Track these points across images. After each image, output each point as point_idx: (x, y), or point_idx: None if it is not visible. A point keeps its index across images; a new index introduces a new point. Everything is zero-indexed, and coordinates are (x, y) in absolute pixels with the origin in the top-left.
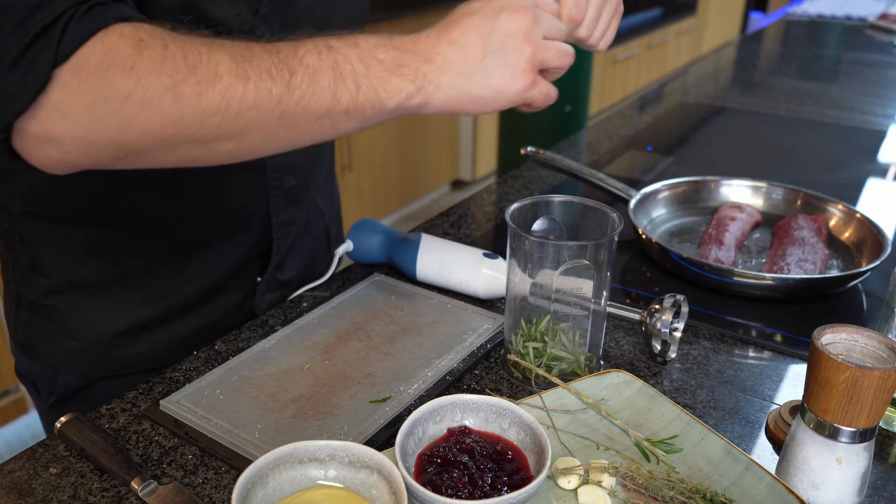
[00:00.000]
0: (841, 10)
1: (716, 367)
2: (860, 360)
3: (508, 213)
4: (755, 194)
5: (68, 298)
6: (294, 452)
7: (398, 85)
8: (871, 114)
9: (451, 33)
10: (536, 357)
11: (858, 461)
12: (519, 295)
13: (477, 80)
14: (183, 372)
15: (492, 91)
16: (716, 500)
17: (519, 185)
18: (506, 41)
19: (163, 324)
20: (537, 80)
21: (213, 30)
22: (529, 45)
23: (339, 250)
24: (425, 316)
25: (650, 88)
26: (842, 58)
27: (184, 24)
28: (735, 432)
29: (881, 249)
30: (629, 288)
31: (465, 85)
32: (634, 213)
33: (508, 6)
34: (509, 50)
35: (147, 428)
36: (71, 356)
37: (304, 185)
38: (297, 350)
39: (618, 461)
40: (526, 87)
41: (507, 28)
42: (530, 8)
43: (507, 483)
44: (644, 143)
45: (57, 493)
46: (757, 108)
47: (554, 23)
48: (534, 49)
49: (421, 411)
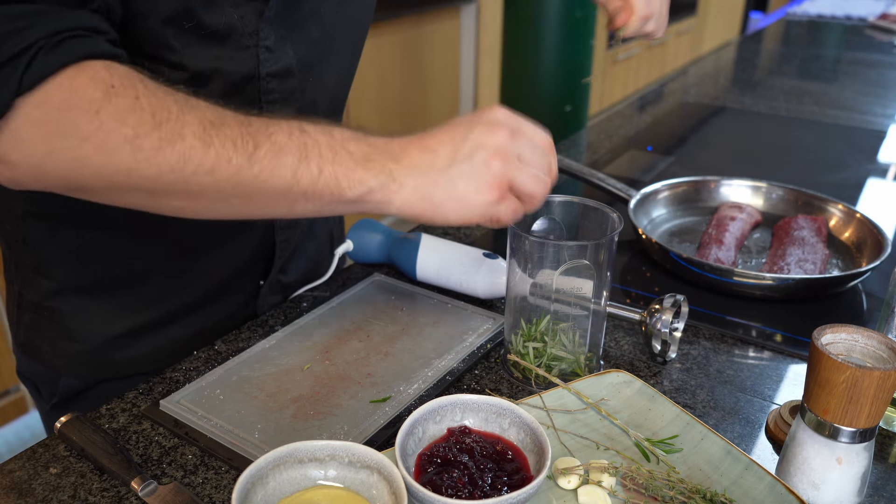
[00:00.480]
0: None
1: (716, 367)
2: (860, 360)
3: None
4: (755, 194)
5: (70, 300)
6: (294, 452)
7: (361, 177)
8: (871, 114)
9: (425, 140)
10: (536, 357)
11: (858, 461)
12: (519, 295)
13: (441, 185)
14: (183, 372)
15: (454, 200)
16: (716, 500)
17: None
18: (475, 152)
19: (165, 326)
20: (506, 196)
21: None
22: (500, 160)
23: (339, 250)
24: (425, 316)
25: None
26: (842, 58)
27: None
28: (735, 432)
29: (881, 249)
30: (629, 288)
31: (428, 189)
32: (634, 213)
33: (488, 122)
34: (478, 161)
35: (147, 428)
36: (72, 358)
37: None
38: (297, 350)
39: (618, 461)
40: (491, 202)
41: (480, 140)
42: (510, 127)
43: (507, 483)
44: (644, 143)
45: (57, 493)
46: (757, 108)
47: (536, 150)
48: (504, 165)
49: (421, 411)
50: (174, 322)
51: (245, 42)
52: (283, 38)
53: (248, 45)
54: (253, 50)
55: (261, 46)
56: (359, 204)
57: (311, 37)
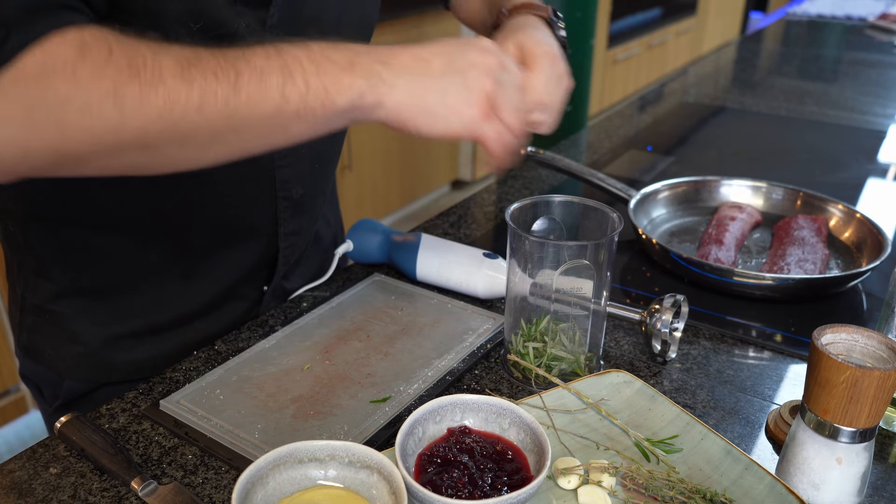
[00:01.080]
0: (841, 10)
1: (716, 367)
2: (860, 360)
3: (508, 212)
4: (755, 194)
5: (72, 303)
6: (294, 452)
7: (350, 82)
8: (871, 114)
9: (417, 49)
10: (536, 357)
11: (858, 461)
12: (519, 295)
13: (433, 91)
14: (183, 372)
15: (445, 108)
16: (716, 500)
17: (519, 185)
18: (469, 68)
19: (168, 331)
20: (492, 117)
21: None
22: (490, 80)
23: (339, 250)
24: (425, 316)
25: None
26: (842, 58)
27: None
28: (735, 432)
29: (881, 249)
30: (629, 288)
31: (421, 92)
32: (634, 213)
33: (482, 48)
34: (470, 76)
35: (147, 428)
36: (75, 361)
37: (311, 194)
38: (297, 350)
39: (618, 461)
40: (479, 117)
41: (473, 58)
42: (500, 58)
43: (507, 483)
44: (644, 143)
45: (57, 493)
46: (757, 108)
47: (517, 87)
48: (494, 85)
49: (421, 411)
50: (177, 327)
51: None
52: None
53: None
54: None
55: None
56: (352, 112)
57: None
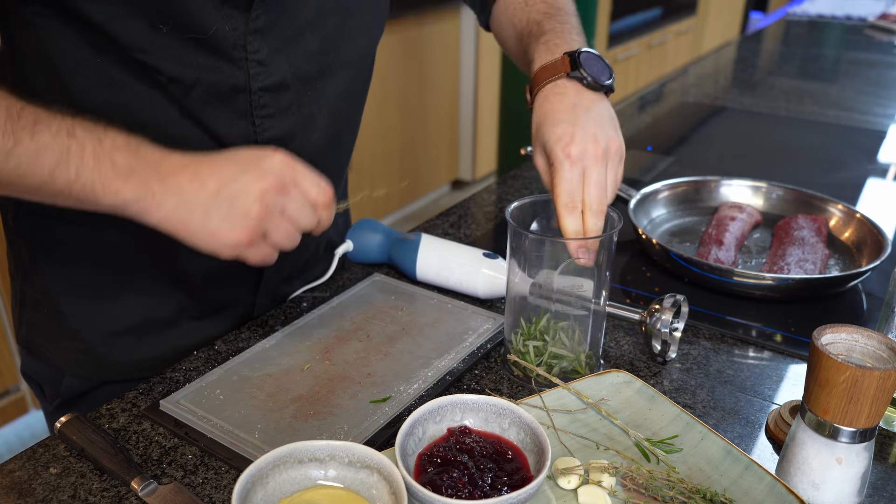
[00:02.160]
0: (841, 10)
1: (716, 367)
2: (860, 360)
3: (508, 211)
4: (755, 194)
5: (70, 298)
6: (294, 452)
7: (118, 189)
8: (871, 114)
9: (200, 166)
10: (537, 356)
11: (858, 461)
12: (519, 294)
13: (197, 215)
14: (183, 372)
15: (206, 233)
16: (716, 500)
17: (519, 185)
18: (239, 196)
19: (165, 330)
20: (257, 242)
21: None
22: (259, 208)
23: (339, 250)
24: (425, 316)
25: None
26: (842, 58)
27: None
28: (735, 432)
29: (881, 249)
30: (629, 288)
31: (185, 215)
32: (634, 213)
33: (262, 169)
34: (239, 205)
35: (147, 428)
36: (73, 356)
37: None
38: (297, 350)
39: (618, 461)
40: (240, 244)
41: (248, 186)
42: (282, 180)
43: (507, 483)
44: (644, 143)
45: (57, 493)
46: (757, 108)
47: (303, 207)
48: (261, 216)
49: (421, 411)
50: (174, 327)
51: (236, 54)
52: (278, 50)
53: (238, 58)
54: (243, 63)
55: (251, 60)
56: (117, 210)
57: (309, 50)
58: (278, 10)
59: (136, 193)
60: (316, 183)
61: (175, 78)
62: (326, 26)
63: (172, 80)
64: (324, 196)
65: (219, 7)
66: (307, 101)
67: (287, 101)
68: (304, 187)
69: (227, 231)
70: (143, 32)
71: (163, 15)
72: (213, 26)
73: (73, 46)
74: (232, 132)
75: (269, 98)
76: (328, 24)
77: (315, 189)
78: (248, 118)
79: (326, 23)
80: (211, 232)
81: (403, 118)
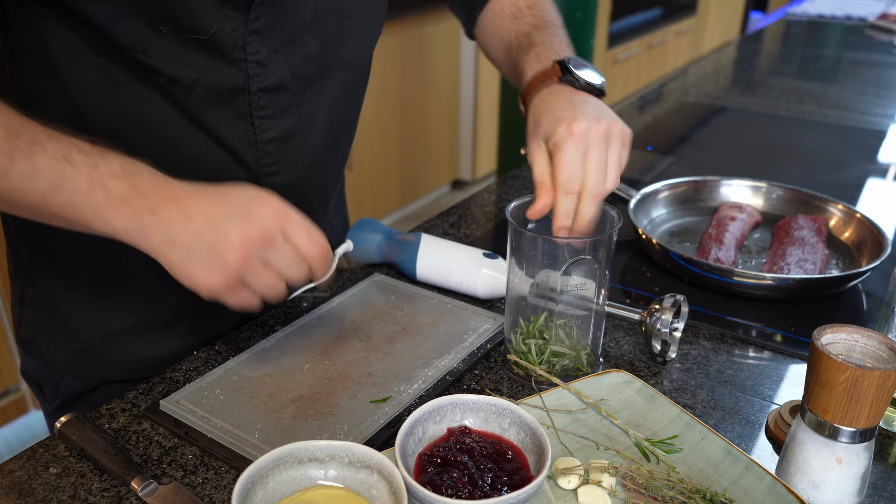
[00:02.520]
0: (841, 10)
1: (716, 367)
2: (860, 360)
3: (509, 210)
4: (755, 194)
5: (70, 299)
6: (294, 452)
7: (109, 216)
8: (871, 114)
9: (192, 200)
10: (537, 354)
11: (858, 461)
12: (519, 294)
13: (178, 253)
14: (183, 372)
15: (185, 272)
16: (716, 500)
17: (519, 185)
18: (222, 242)
19: (165, 331)
20: (235, 288)
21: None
22: (239, 257)
23: (339, 250)
24: (425, 316)
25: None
26: (842, 58)
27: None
28: (735, 432)
29: (881, 249)
30: (629, 288)
31: (168, 250)
32: (634, 213)
33: (251, 218)
34: (218, 251)
35: (147, 428)
36: (73, 356)
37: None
38: (297, 350)
39: (618, 461)
40: (217, 288)
41: (231, 233)
42: (267, 232)
43: (507, 483)
44: (644, 143)
45: (57, 493)
46: (757, 108)
47: (288, 260)
48: (242, 263)
49: (421, 411)
50: (174, 327)
51: (235, 55)
52: (277, 51)
53: (238, 59)
54: (242, 64)
55: (250, 61)
56: (109, 236)
57: (308, 51)
58: (277, 12)
59: (126, 224)
60: (308, 234)
61: (175, 78)
62: (325, 28)
63: (172, 81)
64: (315, 248)
65: (218, 8)
66: (306, 102)
67: (286, 101)
68: (294, 239)
69: (203, 274)
70: (142, 33)
71: (163, 16)
72: (213, 27)
73: (73, 47)
74: (231, 132)
75: (269, 99)
76: (327, 26)
77: (306, 241)
78: (247, 119)
79: (325, 24)
80: (189, 272)
81: (403, 118)
